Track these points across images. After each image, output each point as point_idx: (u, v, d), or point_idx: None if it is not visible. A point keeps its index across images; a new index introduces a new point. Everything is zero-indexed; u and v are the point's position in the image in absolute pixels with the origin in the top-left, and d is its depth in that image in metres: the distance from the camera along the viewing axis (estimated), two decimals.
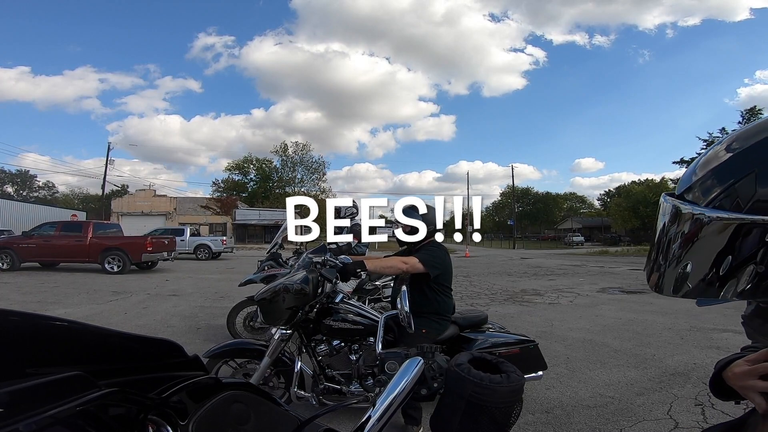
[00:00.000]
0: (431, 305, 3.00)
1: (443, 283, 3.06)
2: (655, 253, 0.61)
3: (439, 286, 3.02)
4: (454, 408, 0.88)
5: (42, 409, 0.50)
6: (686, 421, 3.03)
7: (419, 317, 2.93)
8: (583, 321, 6.57)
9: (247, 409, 0.81)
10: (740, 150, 0.54)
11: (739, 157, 0.53)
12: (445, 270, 3.06)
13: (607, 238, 54.66)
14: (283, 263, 5.48)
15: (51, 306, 7.55)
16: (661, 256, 0.59)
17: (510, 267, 17.77)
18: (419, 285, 2.99)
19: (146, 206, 37.08)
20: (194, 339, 5.35)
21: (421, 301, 2.97)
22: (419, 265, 2.88)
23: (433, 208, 3.03)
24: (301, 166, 54.14)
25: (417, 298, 2.97)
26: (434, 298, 3.00)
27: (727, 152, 0.55)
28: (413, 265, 2.88)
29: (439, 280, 3.01)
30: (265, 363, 2.80)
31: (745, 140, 0.53)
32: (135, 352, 0.75)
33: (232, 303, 5.51)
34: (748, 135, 0.54)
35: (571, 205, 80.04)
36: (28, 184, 62.88)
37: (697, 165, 0.58)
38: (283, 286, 2.72)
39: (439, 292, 3.02)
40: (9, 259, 13.25)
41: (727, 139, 0.56)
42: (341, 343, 2.97)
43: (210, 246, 22.13)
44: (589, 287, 10.70)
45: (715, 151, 0.56)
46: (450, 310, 3.12)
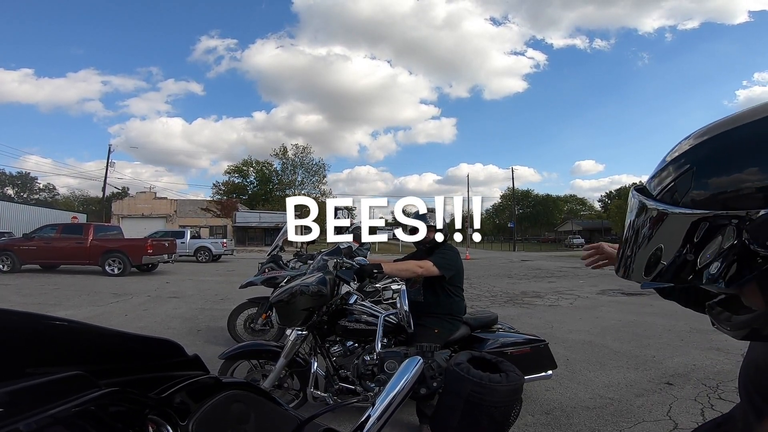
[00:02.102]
0: (444, 306, 3.03)
1: (456, 284, 3.11)
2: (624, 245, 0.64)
3: (452, 288, 3.06)
4: (453, 407, 0.88)
5: (42, 409, 0.50)
6: (685, 422, 3.03)
7: (432, 317, 2.97)
8: (583, 323, 6.57)
9: (248, 408, 0.81)
10: (690, 146, 0.57)
11: (686, 154, 0.57)
12: (458, 271, 3.11)
13: (608, 240, 54.54)
14: (284, 265, 5.48)
15: (51, 308, 7.54)
16: (629, 245, 0.63)
17: (510, 269, 17.77)
18: (432, 286, 3.03)
19: (147, 209, 37.06)
20: (195, 341, 5.35)
21: (434, 302, 3.01)
22: (434, 268, 2.92)
23: (433, 209, 3.05)
24: (302, 169, 54.12)
25: (430, 299, 3.01)
26: (447, 299, 3.03)
27: (682, 147, 0.59)
28: (428, 269, 2.91)
29: (452, 281, 3.05)
30: (281, 364, 2.82)
31: (698, 137, 0.57)
32: (135, 352, 0.75)
33: (233, 305, 5.51)
34: (701, 132, 0.57)
35: (571, 207, 79.96)
36: (29, 187, 62.93)
37: (664, 158, 0.61)
38: (301, 287, 2.73)
39: (452, 294, 3.06)
40: (9, 261, 13.24)
41: (691, 134, 0.58)
42: (355, 343, 2.99)
43: (210, 248, 22.09)
44: (589, 289, 10.70)
45: (679, 146, 0.59)
46: (462, 310, 3.16)
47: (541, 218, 75.99)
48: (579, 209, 79.83)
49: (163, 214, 37.07)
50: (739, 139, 0.52)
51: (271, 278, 4.99)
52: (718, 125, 0.55)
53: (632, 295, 9.53)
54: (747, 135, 0.51)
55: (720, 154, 0.53)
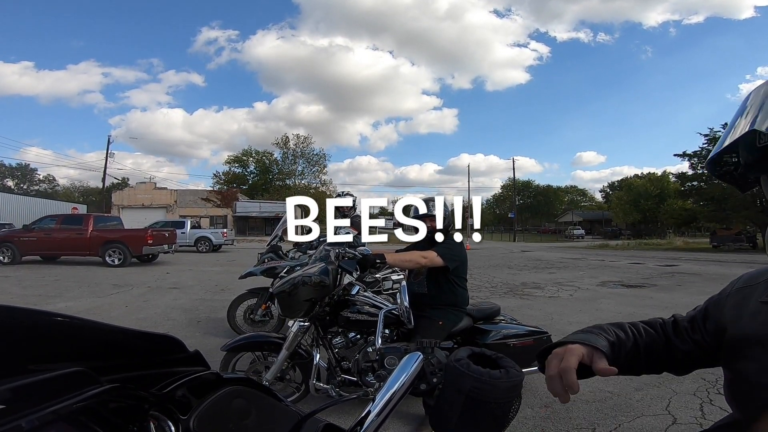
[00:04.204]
0: (447, 297, 3.02)
1: (460, 275, 3.11)
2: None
3: (455, 279, 3.06)
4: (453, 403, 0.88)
5: (44, 405, 0.51)
6: (684, 416, 3.05)
7: (436, 309, 2.97)
8: (583, 315, 6.59)
9: (248, 404, 0.81)
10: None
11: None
12: (462, 262, 3.10)
13: (608, 231, 54.65)
14: (284, 256, 5.49)
15: (52, 299, 7.57)
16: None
17: (510, 260, 17.80)
18: (436, 278, 3.03)
19: (147, 199, 37.04)
20: (194, 332, 5.38)
21: (437, 293, 3.00)
22: (438, 259, 2.91)
23: (432, 198, 3.07)
24: (302, 159, 54.02)
25: (433, 291, 3.01)
26: (450, 290, 3.03)
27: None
28: (432, 260, 2.90)
29: (456, 272, 3.04)
30: (283, 356, 2.82)
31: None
32: (136, 348, 0.76)
33: (233, 296, 5.52)
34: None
35: (572, 198, 79.97)
36: (29, 178, 62.87)
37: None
38: (302, 278, 2.72)
39: (456, 284, 3.05)
40: (10, 252, 13.29)
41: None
42: (357, 335, 2.98)
43: (210, 238, 22.15)
44: (590, 281, 10.72)
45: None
46: (465, 302, 3.15)
47: (541, 209, 76.10)
48: (580, 200, 79.92)
49: (164, 205, 37.05)
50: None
51: (271, 269, 5.00)
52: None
53: (632, 287, 9.56)
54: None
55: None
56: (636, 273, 12.61)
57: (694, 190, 33.66)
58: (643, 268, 13.94)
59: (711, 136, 29.29)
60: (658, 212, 46.01)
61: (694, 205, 35.39)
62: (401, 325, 2.97)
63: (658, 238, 36.37)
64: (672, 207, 41.08)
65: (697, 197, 33.66)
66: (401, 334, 3.00)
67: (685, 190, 35.74)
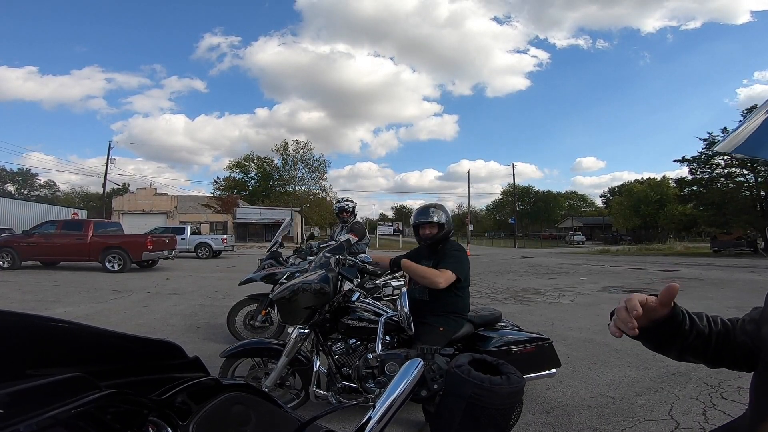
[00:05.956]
0: (449, 304, 3.01)
1: (463, 283, 3.09)
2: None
3: (458, 285, 3.04)
4: (454, 409, 0.88)
5: (42, 410, 0.50)
6: (687, 421, 3.02)
7: (437, 315, 2.96)
8: (584, 320, 6.56)
9: (248, 410, 0.81)
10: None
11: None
12: (468, 269, 3.10)
13: (608, 236, 54.63)
14: (284, 262, 5.48)
15: (51, 305, 7.55)
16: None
17: (511, 266, 17.77)
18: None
19: (147, 205, 37.11)
20: (194, 338, 5.36)
21: (438, 300, 2.99)
22: (453, 277, 2.90)
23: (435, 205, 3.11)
24: (302, 165, 54.07)
25: (434, 297, 3.00)
26: (452, 297, 3.01)
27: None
28: (448, 279, 2.88)
29: (459, 279, 3.03)
30: (282, 362, 2.80)
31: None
32: (135, 354, 0.75)
33: (233, 302, 5.50)
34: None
35: (572, 204, 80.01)
36: (29, 183, 62.96)
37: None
38: (302, 285, 2.71)
39: (458, 291, 3.04)
40: (9, 257, 13.25)
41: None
42: (357, 341, 2.97)
43: (211, 244, 22.10)
44: (590, 286, 10.69)
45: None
46: (466, 308, 3.14)
47: (541, 214, 76.18)
48: (580, 206, 79.99)
49: (164, 210, 37.12)
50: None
51: (271, 275, 4.98)
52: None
53: (633, 292, 9.52)
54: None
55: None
56: (637, 278, 12.59)
57: (693, 195, 33.68)
58: (644, 273, 13.91)
59: (710, 140, 29.33)
60: (658, 217, 46.07)
61: (694, 210, 35.38)
62: (402, 332, 2.95)
63: (659, 243, 36.39)
64: (672, 212, 41.14)
65: (696, 202, 33.66)
66: (402, 341, 2.99)
67: (684, 195, 35.74)
